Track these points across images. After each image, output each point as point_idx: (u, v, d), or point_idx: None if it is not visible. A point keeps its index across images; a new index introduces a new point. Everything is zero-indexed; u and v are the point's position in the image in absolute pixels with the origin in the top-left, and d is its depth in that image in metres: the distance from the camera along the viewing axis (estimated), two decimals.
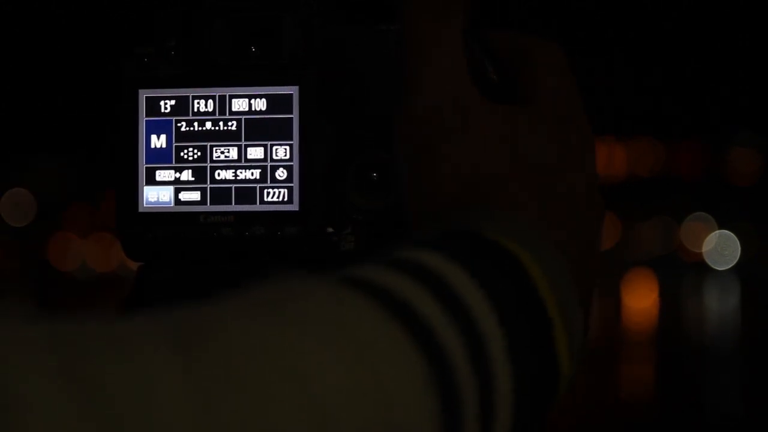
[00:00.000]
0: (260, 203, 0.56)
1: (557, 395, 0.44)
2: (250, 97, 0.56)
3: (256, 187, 0.56)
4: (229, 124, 0.56)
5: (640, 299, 12.51)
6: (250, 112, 0.56)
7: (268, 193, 0.56)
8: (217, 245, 0.56)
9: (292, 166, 0.56)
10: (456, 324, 0.39)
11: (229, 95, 0.56)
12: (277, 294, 0.37)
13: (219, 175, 0.56)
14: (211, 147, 0.56)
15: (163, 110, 0.57)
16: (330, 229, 0.56)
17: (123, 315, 0.34)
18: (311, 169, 0.56)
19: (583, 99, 0.52)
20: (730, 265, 17.88)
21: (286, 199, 0.56)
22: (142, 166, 0.57)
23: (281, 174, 0.56)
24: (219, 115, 0.56)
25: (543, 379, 0.43)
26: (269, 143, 0.56)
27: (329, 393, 0.34)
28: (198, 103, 0.56)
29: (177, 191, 0.57)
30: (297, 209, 0.56)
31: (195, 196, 0.56)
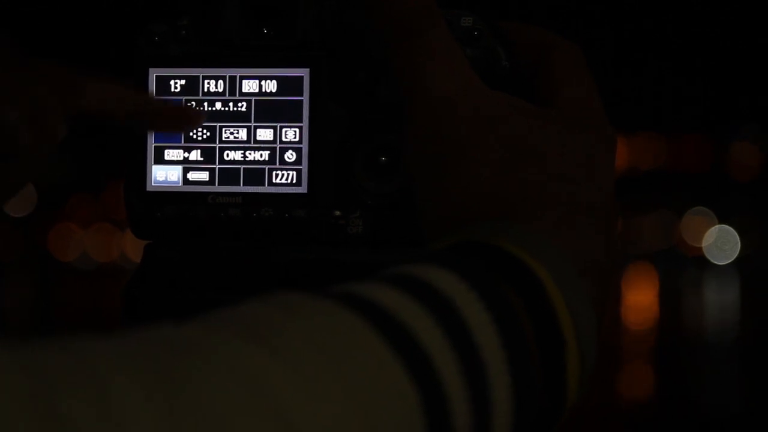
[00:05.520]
0: (268, 185, 0.56)
1: (562, 413, 0.43)
2: (260, 78, 0.56)
3: (264, 168, 0.56)
4: (239, 105, 0.56)
5: (641, 293, 12.51)
6: (260, 93, 0.56)
7: (277, 175, 0.56)
8: (225, 226, 0.56)
9: (301, 148, 0.56)
10: (456, 351, 0.37)
11: (240, 76, 0.56)
12: (271, 318, 0.35)
13: (228, 155, 0.56)
14: (221, 127, 0.56)
15: (173, 89, 0.57)
16: (338, 212, 0.56)
17: (103, 338, 0.32)
18: (320, 151, 0.56)
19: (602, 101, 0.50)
20: (730, 260, 17.89)
21: (294, 181, 0.56)
22: (151, 145, 0.57)
23: (290, 156, 0.56)
24: (229, 95, 0.56)
25: (548, 395, 0.41)
26: (279, 125, 0.56)
27: (309, 426, 0.32)
28: (208, 83, 0.56)
29: (185, 171, 0.57)
30: (305, 192, 0.56)
31: (203, 176, 0.56)
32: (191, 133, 0.57)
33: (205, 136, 0.56)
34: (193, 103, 0.56)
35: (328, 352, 0.34)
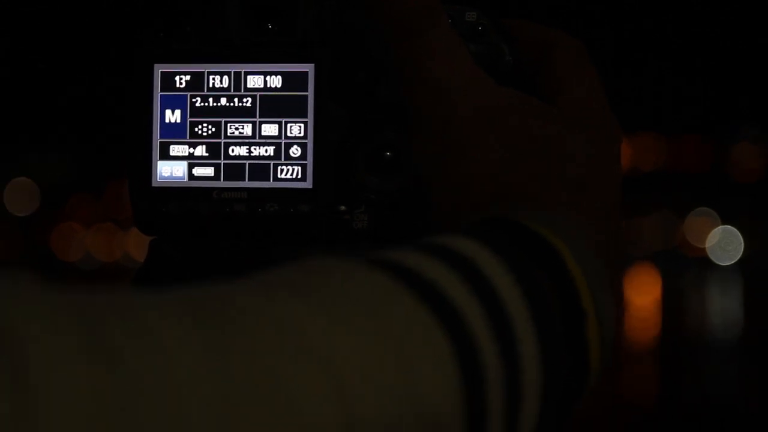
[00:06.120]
0: (273, 180, 0.56)
1: (586, 387, 0.43)
2: (265, 74, 0.56)
3: (269, 163, 0.56)
4: (244, 100, 0.56)
5: (643, 295, 12.51)
6: (265, 88, 0.56)
7: (282, 170, 0.56)
8: (230, 221, 0.56)
9: (306, 143, 0.56)
10: (483, 306, 0.38)
11: (245, 72, 0.56)
12: (300, 273, 0.36)
13: (233, 151, 0.56)
14: (226, 123, 0.56)
15: (178, 85, 0.57)
16: (342, 208, 0.56)
17: (140, 290, 0.33)
18: (325, 147, 0.56)
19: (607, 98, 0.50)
20: (733, 261, 17.87)
21: (299, 176, 0.56)
22: (156, 141, 0.57)
23: (295, 151, 0.56)
24: (234, 91, 0.56)
25: (572, 368, 0.42)
26: (283, 120, 0.56)
27: (348, 368, 0.33)
28: (213, 78, 0.56)
29: (191, 166, 0.57)
30: (310, 187, 0.56)
31: (208, 171, 0.56)
32: (197, 129, 0.57)
33: (210, 132, 0.56)
34: (198, 98, 0.57)
35: (362, 304, 0.35)
